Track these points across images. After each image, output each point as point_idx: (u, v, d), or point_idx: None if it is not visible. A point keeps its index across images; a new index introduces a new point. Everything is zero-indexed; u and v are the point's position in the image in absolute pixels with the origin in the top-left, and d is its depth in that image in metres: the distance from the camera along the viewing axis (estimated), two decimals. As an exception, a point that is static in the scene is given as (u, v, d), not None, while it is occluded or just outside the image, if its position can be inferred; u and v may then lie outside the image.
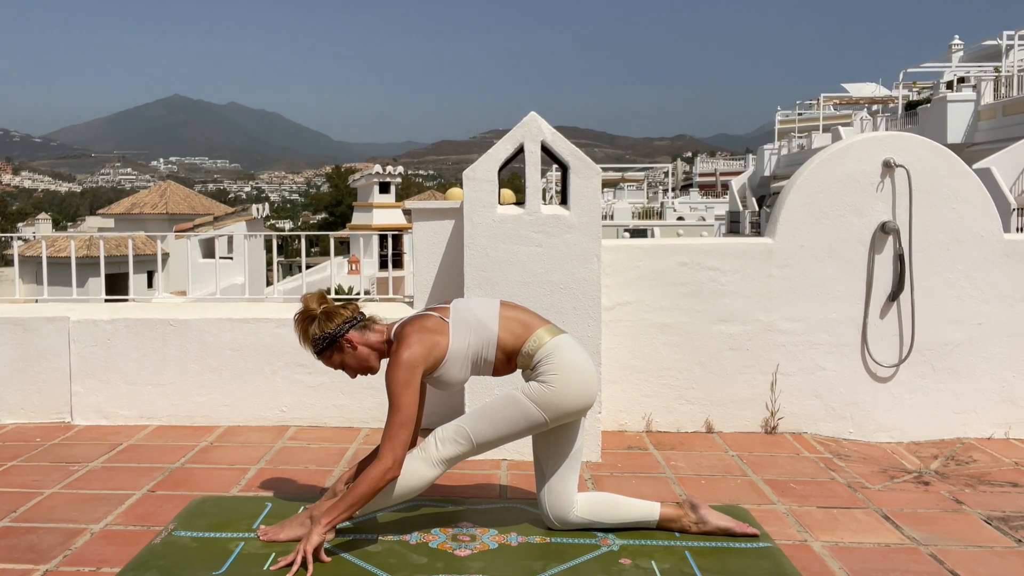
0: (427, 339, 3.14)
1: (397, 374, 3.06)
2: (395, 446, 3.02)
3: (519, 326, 3.24)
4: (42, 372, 5.03)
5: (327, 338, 3.22)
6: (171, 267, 19.56)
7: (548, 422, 3.19)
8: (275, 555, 3.08)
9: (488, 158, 4.37)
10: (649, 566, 3.03)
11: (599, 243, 4.35)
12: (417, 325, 3.19)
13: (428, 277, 4.82)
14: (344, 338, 3.23)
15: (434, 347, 3.14)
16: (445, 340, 3.17)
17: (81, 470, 4.16)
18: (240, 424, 4.99)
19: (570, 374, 3.17)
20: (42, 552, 3.18)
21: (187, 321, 5.00)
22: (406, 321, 3.26)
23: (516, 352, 3.23)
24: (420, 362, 3.10)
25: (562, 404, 3.17)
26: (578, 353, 3.24)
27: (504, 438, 3.23)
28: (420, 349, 3.11)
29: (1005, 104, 23.62)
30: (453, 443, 3.20)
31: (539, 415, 3.17)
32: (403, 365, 3.06)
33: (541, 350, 3.19)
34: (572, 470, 3.30)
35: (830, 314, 4.75)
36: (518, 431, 3.21)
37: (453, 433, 3.21)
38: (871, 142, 4.75)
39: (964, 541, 3.34)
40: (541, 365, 3.19)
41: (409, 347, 3.10)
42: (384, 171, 29.16)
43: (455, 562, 3.06)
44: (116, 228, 30.49)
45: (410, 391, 3.05)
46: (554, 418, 3.19)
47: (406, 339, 3.13)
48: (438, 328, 3.19)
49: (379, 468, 3.01)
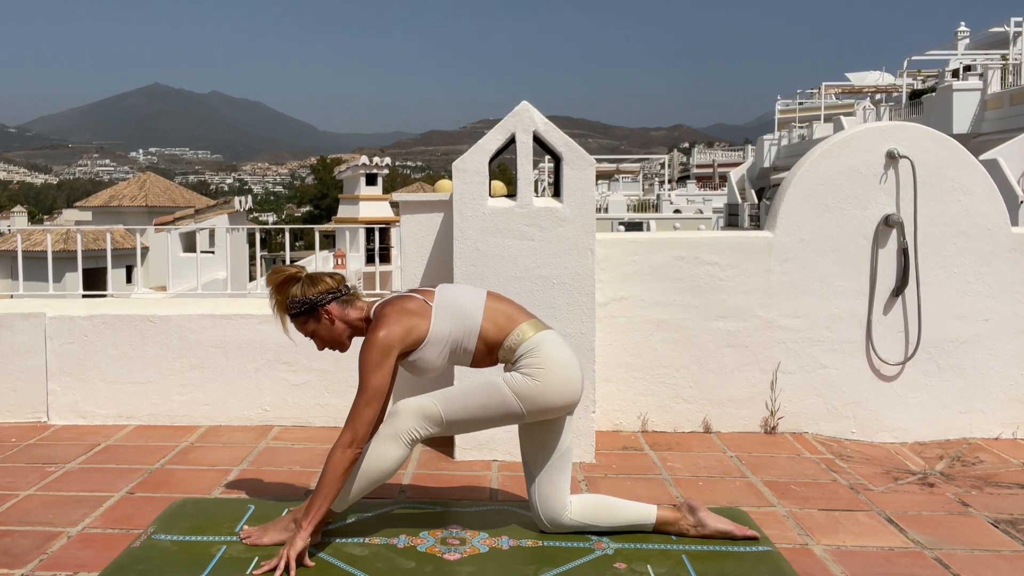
0: (406, 321, 3.07)
1: (371, 354, 3.00)
2: (357, 425, 2.98)
3: (503, 318, 3.17)
4: (17, 370, 4.95)
5: (307, 304, 3.17)
6: (151, 261, 19.45)
7: (524, 415, 3.11)
8: (258, 559, 3.03)
9: (478, 149, 4.32)
10: (645, 570, 2.98)
11: (593, 236, 4.29)
12: (398, 306, 3.12)
13: (416, 272, 4.77)
14: (324, 308, 3.18)
15: (412, 329, 3.07)
16: (425, 324, 3.10)
17: (58, 471, 4.10)
18: (222, 424, 4.93)
19: (555, 370, 3.10)
20: (17, 556, 3.13)
21: (167, 317, 4.93)
22: (387, 301, 3.19)
23: (498, 345, 3.16)
24: (396, 344, 3.03)
25: (543, 399, 3.09)
26: (563, 349, 3.17)
27: (475, 423, 3.16)
28: (398, 330, 3.04)
29: (1012, 93, 23.55)
30: (422, 421, 3.10)
31: (517, 407, 3.09)
32: (378, 345, 3.01)
33: (524, 344, 3.12)
34: (562, 470, 3.23)
35: (832, 310, 4.70)
36: (491, 419, 3.14)
37: (422, 410, 3.10)
38: (874, 132, 4.70)
39: (970, 545, 3.30)
40: (524, 358, 3.11)
41: (387, 327, 3.04)
42: (371, 162, 29.07)
43: (444, 566, 3.01)
44: (94, 221, 30.39)
45: (382, 372, 3.00)
46: (531, 412, 3.11)
47: (385, 319, 3.07)
48: (419, 311, 3.12)
49: (338, 447, 2.97)
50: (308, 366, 4.82)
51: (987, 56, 27.17)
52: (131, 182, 35.03)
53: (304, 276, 3.20)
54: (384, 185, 29.64)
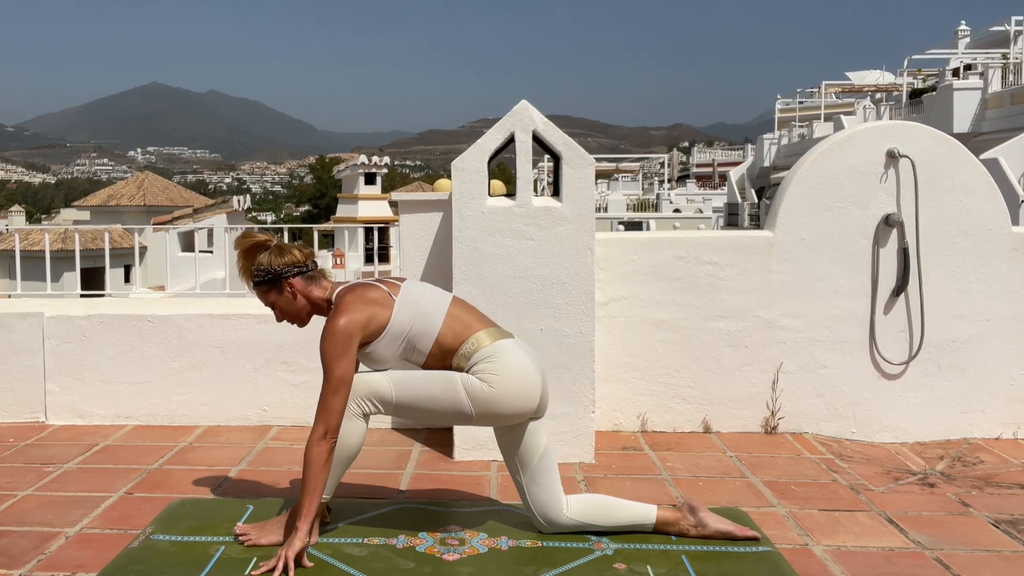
0: (367, 309, 3.04)
1: (333, 342, 2.98)
2: (328, 416, 2.98)
3: (460, 325, 3.13)
4: (15, 370, 4.93)
5: (271, 274, 3.14)
6: (149, 261, 19.39)
7: (473, 417, 3.08)
8: (257, 560, 3.01)
9: (477, 148, 4.30)
10: (644, 571, 2.96)
11: (592, 236, 4.27)
12: (360, 293, 3.10)
13: (415, 271, 4.76)
14: (288, 281, 3.15)
15: (373, 318, 3.05)
16: (386, 315, 3.07)
17: (56, 471, 4.09)
18: (220, 424, 4.91)
19: (510, 377, 3.06)
20: (15, 556, 3.12)
21: (166, 317, 4.91)
22: (349, 287, 3.16)
23: (453, 351, 3.11)
24: (357, 331, 3.01)
25: (495, 405, 3.05)
26: (522, 357, 3.12)
27: (423, 413, 3.12)
28: (359, 318, 3.02)
29: (1013, 92, 23.50)
30: (372, 397, 3.10)
31: (468, 407, 3.06)
32: (339, 333, 2.98)
33: (480, 352, 3.08)
34: (546, 472, 3.20)
35: (832, 310, 4.68)
36: (440, 413, 3.10)
37: (375, 387, 3.10)
38: (875, 131, 4.69)
39: (971, 545, 3.28)
40: (481, 364, 3.07)
41: (348, 314, 3.01)
42: (370, 161, 29.02)
43: (443, 567, 2.99)
44: (92, 221, 30.33)
45: (346, 360, 2.98)
46: (481, 415, 3.07)
47: (347, 306, 3.04)
48: (382, 301, 3.09)
49: (313, 441, 2.98)
50: (307, 366, 4.80)
51: (988, 55, 27.12)
52: (129, 181, 34.99)
53: (273, 245, 3.17)
54: (383, 184, 29.61)
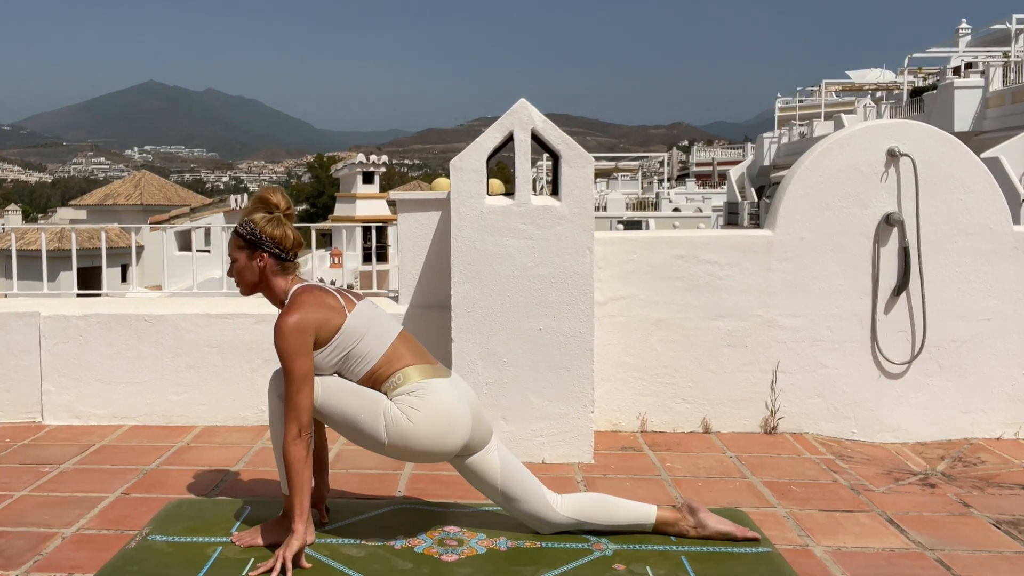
0: (322, 313, 3.02)
1: (288, 340, 2.95)
2: (298, 414, 2.95)
3: (395, 356, 3.09)
4: (11, 370, 4.92)
5: (253, 236, 3.11)
6: (146, 260, 19.37)
7: (385, 447, 3.03)
8: (254, 560, 3.01)
9: (476, 147, 4.29)
10: (644, 571, 2.96)
11: (591, 235, 4.26)
12: (317, 295, 3.07)
13: (414, 271, 4.75)
14: (261, 253, 3.11)
15: (327, 322, 3.02)
16: (339, 322, 3.04)
17: (52, 472, 4.08)
18: (218, 424, 4.90)
19: (433, 415, 3.02)
20: (11, 557, 3.11)
21: (163, 317, 4.90)
22: (307, 287, 3.13)
23: (381, 381, 3.07)
24: (311, 330, 2.98)
25: (410, 440, 3.01)
26: (450, 398, 3.07)
27: (341, 425, 3.08)
28: (315, 318, 3.00)
29: (1014, 91, 23.43)
30: None
31: (382, 435, 3.02)
32: (294, 331, 2.95)
33: (404, 387, 3.04)
34: (517, 481, 3.19)
35: (832, 309, 4.67)
36: (356, 431, 3.06)
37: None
38: (875, 130, 4.68)
39: (972, 546, 3.28)
40: (405, 396, 3.03)
41: (302, 312, 2.99)
42: (368, 160, 29.06)
43: (441, 568, 2.99)
44: (89, 220, 30.33)
45: (304, 356, 2.96)
46: (393, 447, 3.03)
47: (302, 304, 3.02)
48: (336, 308, 3.06)
49: (289, 443, 2.95)
50: (305, 366, 4.78)
51: (988, 53, 27.05)
52: (126, 180, 35.02)
53: (275, 215, 3.14)
54: (381, 183, 29.63)
